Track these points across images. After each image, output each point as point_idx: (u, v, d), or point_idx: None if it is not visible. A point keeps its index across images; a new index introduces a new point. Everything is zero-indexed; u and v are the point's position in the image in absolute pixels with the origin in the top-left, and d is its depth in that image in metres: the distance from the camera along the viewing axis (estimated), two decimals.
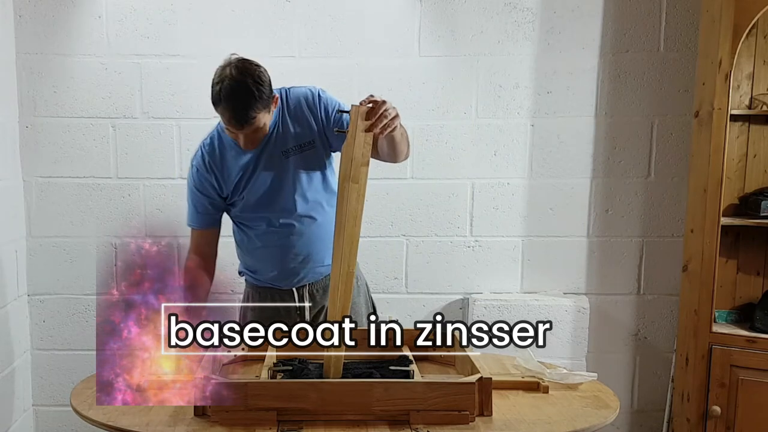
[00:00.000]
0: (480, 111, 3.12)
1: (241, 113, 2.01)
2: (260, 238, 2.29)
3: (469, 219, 3.18)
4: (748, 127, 2.95)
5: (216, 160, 2.22)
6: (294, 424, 1.70)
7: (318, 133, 2.21)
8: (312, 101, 2.21)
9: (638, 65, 3.10)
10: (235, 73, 2.01)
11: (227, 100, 2.00)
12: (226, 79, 2.01)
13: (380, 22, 3.06)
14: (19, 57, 3.03)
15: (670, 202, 3.18)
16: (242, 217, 2.29)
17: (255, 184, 2.21)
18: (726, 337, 2.83)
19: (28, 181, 3.10)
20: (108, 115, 3.08)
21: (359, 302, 2.37)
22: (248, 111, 2.01)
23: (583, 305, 3.12)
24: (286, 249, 2.26)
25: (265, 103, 2.05)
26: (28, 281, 3.14)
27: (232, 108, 2.00)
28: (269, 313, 2.32)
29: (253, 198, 2.23)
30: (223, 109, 2.03)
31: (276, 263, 2.29)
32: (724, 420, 2.82)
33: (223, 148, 2.22)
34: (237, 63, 2.04)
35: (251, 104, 2.00)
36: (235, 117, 2.02)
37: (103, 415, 1.76)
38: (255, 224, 2.28)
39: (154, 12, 3.03)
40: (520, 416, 1.78)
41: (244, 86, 1.99)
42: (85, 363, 3.14)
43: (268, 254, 2.29)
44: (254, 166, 2.21)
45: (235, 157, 2.21)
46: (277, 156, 2.20)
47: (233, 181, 2.23)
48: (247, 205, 2.25)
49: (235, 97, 1.99)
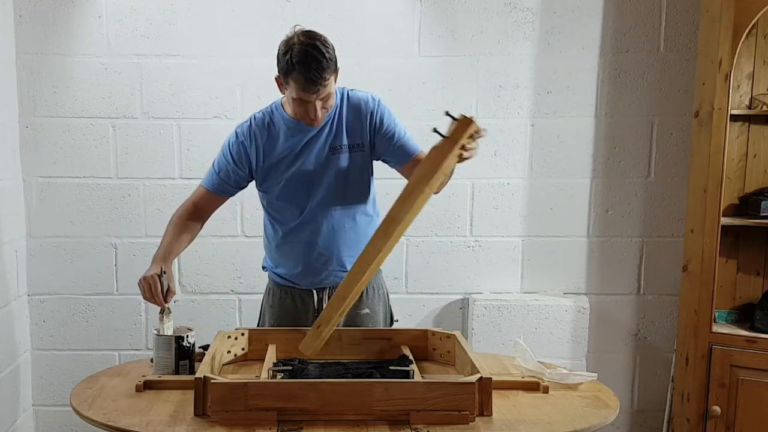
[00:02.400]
0: (480, 111, 3.12)
1: (316, 74, 1.99)
2: (288, 233, 2.26)
3: (469, 219, 3.18)
4: (748, 127, 2.96)
5: (263, 132, 2.20)
6: (294, 424, 1.70)
7: (369, 139, 2.21)
8: (371, 106, 2.21)
9: (638, 65, 3.10)
10: (303, 38, 2.02)
11: (301, 63, 1.99)
12: (296, 46, 2.01)
13: (380, 22, 3.07)
14: (19, 57, 3.03)
15: (670, 202, 3.18)
16: (275, 205, 2.26)
17: (296, 171, 2.19)
18: (726, 337, 2.83)
19: (28, 181, 3.10)
20: (108, 115, 3.08)
21: (378, 310, 2.36)
22: (321, 72, 2.00)
23: (583, 305, 3.12)
24: (312, 246, 2.24)
25: (334, 66, 2.05)
26: (28, 281, 3.14)
27: (307, 70, 1.99)
28: (287, 311, 2.33)
29: (291, 185, 2.21)
30: (297, 75, 2.01)
31: (300, 260, 2.27)
32: (724, 420, 2.83)
33: (273, 124, 2.21)
34: (302, 31, 2.06)
35: (323, 65, 2.00)
36: (310, 79, 2.00)
37: (103, 415, 1.76)
38: (286, 216, 2.25)
39: (154, 12, 3.03)
40: (520, 416, 1.78)
41: (314, 48, 2.00)
42: (85, 363, 3.15)
43: (294, 250, 2.27)
44: (299, 152, 2.19)
45: (284, 138, 2.19)
46: (326, 150, 2.19)
47: (272, 161, 2.20)
48: (284, 193, 2.22)
49: (308, 58, 1.99)
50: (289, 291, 2.33)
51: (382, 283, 2.40)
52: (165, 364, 2.02)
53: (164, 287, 2.10)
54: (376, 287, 2.36)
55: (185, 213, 2.27)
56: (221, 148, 2.27)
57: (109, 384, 1.99)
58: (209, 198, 2.29)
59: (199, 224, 2.31)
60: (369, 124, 2.21)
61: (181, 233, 2.23)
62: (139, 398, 1.88)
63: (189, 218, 2.27)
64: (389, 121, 2.23)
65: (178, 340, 2.03)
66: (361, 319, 2.32)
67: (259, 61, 3.06)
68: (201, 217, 2.31)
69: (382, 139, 2.22)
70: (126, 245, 3.14)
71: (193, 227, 2.28)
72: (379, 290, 2.38)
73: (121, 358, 3.17)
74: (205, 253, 3.12)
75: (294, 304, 2.32)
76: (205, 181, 2.29)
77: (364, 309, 2.32)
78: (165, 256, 2.17)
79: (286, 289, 2.33)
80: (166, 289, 2.10)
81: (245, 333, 2.19)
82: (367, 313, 2.33)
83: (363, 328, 2.28)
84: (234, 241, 3.15)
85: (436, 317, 3.22)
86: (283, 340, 2.17)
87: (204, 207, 2.30)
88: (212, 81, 3.07)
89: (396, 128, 2.24)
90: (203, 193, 2.29)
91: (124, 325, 3.18)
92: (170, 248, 2.19)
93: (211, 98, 3.08)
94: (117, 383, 1.99)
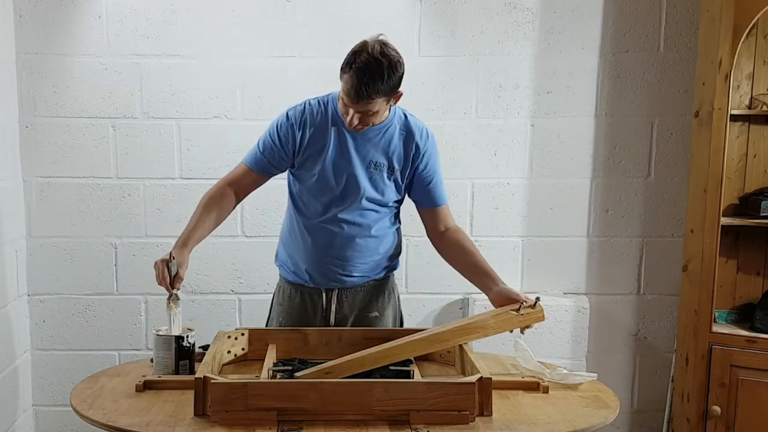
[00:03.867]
0: (480, 111, 3.12)
1: (364, 89, 1.98)
2: (309, 228, 2.25)
3: (469, 219, 3.18)
4: (748, 127, 2.96)
5: (314, 120, 2.19)
6: (294, 424, 1.70)
7: (407, 169, 2.21)
8: (422, 140, 2.21)
9: (638, 65, 3.10)
10: (378, 50, 2.00)
11: (358, 71, 1.98)
12: (365, 53, 1.99)
13: (380, 22, 3.06)
14: (19, 57, 3.03)
15: (670, 202, 3.18)
16: (304, 197, 2.24)
17: (332, 169, 2.18)
18: (726, 337, 2.83)
19: (28, 181, 3.10)
20: (108, 115, 3.08)
21: (387, 314, 2.36)
22: (371, 90, 1.99)
23: (583, 305, 3.12)
24: (327, 248, 2.23)
25: (388, 91, 2.03)
26: (28, 281, 3.14)
27: (358, 80, 1.98)
28: (296, 309, 2.33)
29: (323, 182, 2.19)
30: (349, 77, 2.00)
31: (314, 258, 2.25)
32: (724, 420, 2.83)
33: (326, 115, 2.19)
34: (381, 43, 2.03)
35: (377, 85, 1.99)
36: (356, 90, 1.99)
37: (103, 415, 1.76)
38: (310, 210, 2.24)
39: (154, 12, 3.03)
40: (520, 416, 1.78)
41: (379, 65, 1.98)
42: (85, 363, 3.15)
43: (310, 246, 2.25)
44: (341, 152, 2.17)
45: (332, 132, 2.18)
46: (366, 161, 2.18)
47: (313, 151, 2.18)
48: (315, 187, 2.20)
49: (366, 71, 1.98)
50: (299, 289, 2.32)
51: (394, 287, 2.40)
52: (165, 364, 2.02)
53: (172, 273, 2.08)
54: (388, 291, 2.36)
55: (217, 193, 2.22)
56: (268, 128, 2.25)
57: (109, 384, 1.99)
58: (249, 176, 2.25)
59: (232, 203, 2.25)
60: (413, 156, 2.20)
61: (207, 216, 2.18)
62: (139, 398, 1.88)
63: (222, 198, 2.21)
64: (433, 163, 2.24)
65: (178, 340, 2.03)
66: (369, 322, 2.32)
67: (259, 61, 3.06)
68: (237, 196, 2.26)
69: (418, 177, 2.23)
70: (126, 245, 3.14)
71: (225, 206, 2.22)
72: (391, 294, 2.37)
73: (121, 358, 3.17)
74: (205, 253, 3.11)
75: (303, 302, 2.32)
76: (247, 158, 2.26)
77: (373, 312, 2.32)
78: (184, 242, 2.12)
79: (296, 286, 2.33)
80: (174, 274, 2.08)
81: (245, 333, 2.19)
82: (376, 316, 2.33)
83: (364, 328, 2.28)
84: (234, 241, 3.15)
85: (436, 317, 3.22)
86: (283, 340, 2.18)
87: (242, 184, 2.25)
88: (212, 81, 3.06)
89: (435, 175, 2.25)
90: (244, 170, 2.25)
91: (124, 325, 3.18)
92: (191, 234, 2.14)
93: (211, 98, 3.08)
94: (117, 383, 1.99)
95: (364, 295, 2.31)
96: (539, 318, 2.05)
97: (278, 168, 2.25)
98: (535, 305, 2.04)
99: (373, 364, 1.93)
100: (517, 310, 2.02)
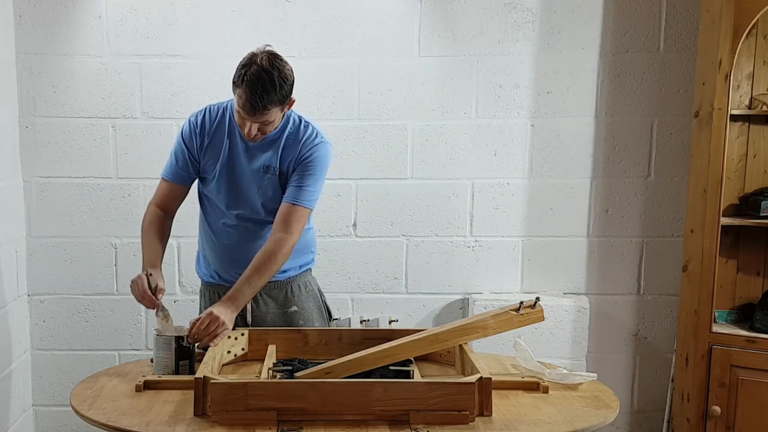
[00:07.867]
0: (480, 111, 3.12)
1: (258, 101, 2.04)
2: (214, 229, 2.32)
3: (469, 219, 3.18)
4: (748, 127, 2.95)
5: (212, 122, 2.25)
6: (294, 424, 1.70)
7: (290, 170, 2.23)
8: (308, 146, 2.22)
9: (638, 65, 3.10)
10: (265, 62, 2.05)
11: (249, 84, 2.03)
12: (254, 66, 2.04)
13: (380, 22, 3.06)
14: (19, 57, 3.03)
15: (670, 202, 3.18)
16: (208, 198, 2.31)
17: (229, 173, 2.24)
18: (726, 337, 2.83)
19: (28, 181, 3.10)
20: (108, 115, 3.08)
21: (308, 307, 2.38)
22: (265, 102, 2.04)
23: (583, 305, 3.12)
24: (231, 246, 2.29)
25: (281, 100, 2.09)
26: (28, 281, 3.14)
27: (251, 93, 2.03)
28: None
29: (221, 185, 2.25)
30: (242, 92, 2.05)
31: (223, 258, 2.32)
32: (724, 420, 2.82)
33: (224, 119, 2.25)
34: (269, 54, 2.09)
35: (270, 96, 2.04)
36: (250, 103, 2.04)
37: (103, 415, 1.76)
38: (216, 210, 2.30)
39: (154, 12, 3.03)
40: (520, 416, 1.78)
41: (270, 77, 2.03)
42: (85, 363, 3.14)
43: (217, 246, 2.32)
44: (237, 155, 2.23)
45: (228, 136, 2.24)
46: (259, 166, 2.22)
47: (213, 153, 2.24)
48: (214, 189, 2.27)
49: (258, 84, 2.03)
50: (216, 290, 2.35)
51: (310, 281, 2.43)
52: (165, 364, 2.03)
53: (152, 286, 2.12)
54: (302, 285, 2.38)
55: (154, 218, 2.30)
56: (176, 138, 2.33)
57: (109, 384, 1.99)
58: (170, 190, 2.32)
59: (167, 223, 2.33)
60: (296, 159, 2.23)
61: (152, 240, 2.26)
62: (139, 398, 1.88)
63: (153, 222, 2.30)
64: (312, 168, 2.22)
65: (178, 340, 2.03)
66: (290, 317, 2.35)
67: None
68: (167, 213, 2.33)
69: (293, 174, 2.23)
70: (126, 245, 3.14)
71: (162, 229, 2.31)
72: (307, 287, 2.40)
73: (121, 358, 3.17)
74: None
75: None
76: (165, 171, 2.33)
77: (291, 307, 2.35)
78: (152, 263, 2.20)
79: (213, 287, 2.37)
80: (154, 287, 2.12)
81: (245, 333, 2.19)
82: (296, 310, 2.36)
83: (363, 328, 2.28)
84: None
85: (436, 317, 3.22)
86: (283, 340, 2.18)
87: (167, 202, 2.33)
88: (212, 81, 3.06)
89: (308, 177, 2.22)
90: (165, 186, 2.33)
91: (124, 325, 3.18)
92: (150, 257, 2.23)
93: (211, 98, 3.07)
94: (117, 383, 1.99)
95: (277, 292, 2.34)
96: (539, 318, 2.05)
97: (193, 174, 2.31)
98: (534, 305, 2.04)
99: (373, 364, 1.93)
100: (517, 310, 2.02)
